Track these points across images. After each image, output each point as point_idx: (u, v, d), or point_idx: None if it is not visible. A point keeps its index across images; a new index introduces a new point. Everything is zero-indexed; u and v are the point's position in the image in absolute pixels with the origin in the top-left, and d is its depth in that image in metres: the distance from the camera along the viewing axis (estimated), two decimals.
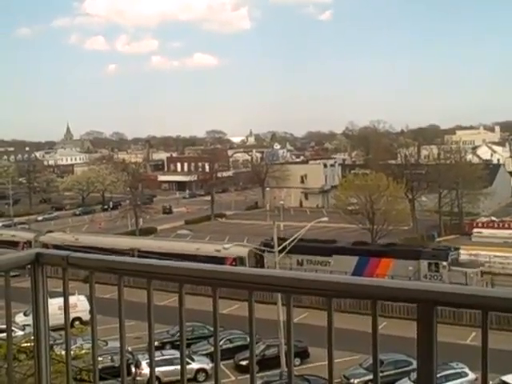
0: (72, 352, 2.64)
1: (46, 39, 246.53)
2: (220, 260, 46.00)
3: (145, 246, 54.45)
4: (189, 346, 31.72)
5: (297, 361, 29.87)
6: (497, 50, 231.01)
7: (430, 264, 46.44)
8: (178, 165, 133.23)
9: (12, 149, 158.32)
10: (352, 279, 1.84)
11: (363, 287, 1.83)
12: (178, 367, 2.30)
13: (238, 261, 49.49)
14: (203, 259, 44.39)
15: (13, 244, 55.17)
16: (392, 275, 43.92)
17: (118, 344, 2.42)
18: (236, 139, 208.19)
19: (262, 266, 47.30)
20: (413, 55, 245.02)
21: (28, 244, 58.85)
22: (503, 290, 1.65)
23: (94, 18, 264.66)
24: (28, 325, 22.47)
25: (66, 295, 2.46)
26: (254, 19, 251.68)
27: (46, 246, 55.33)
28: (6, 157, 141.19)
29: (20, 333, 17.72)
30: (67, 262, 2.40)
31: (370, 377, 2.01)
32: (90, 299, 2.45)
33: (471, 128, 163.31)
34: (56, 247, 47.81)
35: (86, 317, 29.74)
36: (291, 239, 37.52)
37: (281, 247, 36.46)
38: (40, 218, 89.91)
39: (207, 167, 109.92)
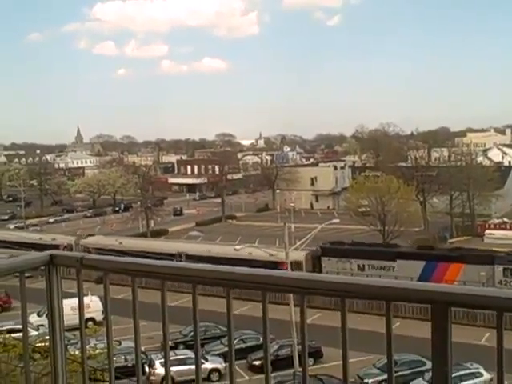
0: (86, 352, 2.66)
1: (56, 44, 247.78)
2: (274, 265, 43.07)
3: (192, 250, 52.29)
4: (202, 346, 31.73)
5: (310, 361, 29.85)
6: (508, 51, 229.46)
7: (505, 269, 44.47)
8: (188, 167, 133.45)
9: (23, 152, 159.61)
10: (366, 280, 1.85)
11: (377, 288, 1.83)
12: (192, 367, 2.32)
13: (295, 266, 46.41)
14: (255, 264, 40.81)
15: (53, 248, 53.70)
16: (463, 281, 42.31)
17: (131, 344, 2.44)
18: (246, 142, 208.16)
19: (320, 271, 46.13)
20: (423, 58, 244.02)
21: (68, 247, 57.00)
22: None
23: (103, 24, 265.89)
24: (42, 325, 22.69)
25: (80, 296, 2.48)
26: (263, 24, 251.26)
27: (87, 249, 54.19)
28: (17, 160, 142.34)
29: (34, 333, 17.84)
30: (81, 264, 2.42)
31: (384, 377, 2.03)
32: (105, 300, 2.47)
33: (482, 131, 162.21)
34: (99, 251, 46.88)
35: (99, 317, 30.00)
36: (303, 241, 37.44)
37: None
38: (51, 220, 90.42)
39: (217, 170, 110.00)
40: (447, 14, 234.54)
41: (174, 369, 25.19)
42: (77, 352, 2.66)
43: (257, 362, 29.84)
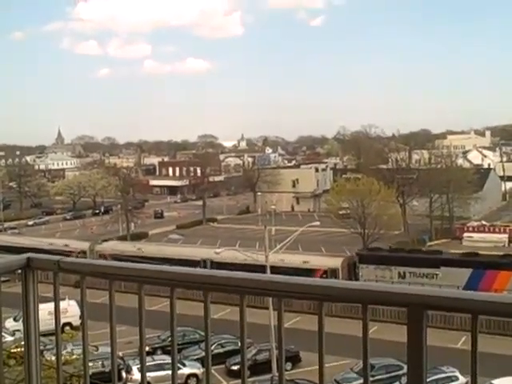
0: (62, 357, 2.63)
1: (38, 43, 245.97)
2: (308, 272, 41.98)
3: (218, 256, 48.59)
4: (180, 350, 31.58)
5: (288, 365, 29.82)
6: (487, 55, 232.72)
7: None
8: (170, 169, 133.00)
9: (2, 153, 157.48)
10: (342, 283, 1.85)
11: (353, 291, 1.84)
12: (169, 372, 2.30)
13: (330, 273, 45.46)
14: (289, 271, 40.12)
15: (65, 254, 51.33)
16: None
17: (108, 349, 2.41)
18: (228, 144, 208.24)
19: (357, 279, 45.03)
20: (404, 60, 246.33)
21: (82, 254, 54.54)
22: (492, 294, 1.67)
23: (86, 23, 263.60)
24: (18, 330, 22.32)
25: (56, 300, 2.45)
26: (246, 24, 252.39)
27: (103, 256, 52.48)
28: None
29: (10, 338, 17.57)
30: (58, 267, 2.39)
31: (361, 381, 2.02)
32: (81, 304, 2.44)
33: (462, 133, 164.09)
34: (115, 258, 44.97)
35: (77, 322, 29.58)
36: (283, 244, 37.43)
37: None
38: (30, 223, 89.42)
39: (199, 172, 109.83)
40: (430, 16, 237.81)
41: (151, 374, 25.05)
42: (53, 357, 2.62)
43: (235, 367, 29.77)
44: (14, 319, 28.52)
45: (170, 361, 2.28)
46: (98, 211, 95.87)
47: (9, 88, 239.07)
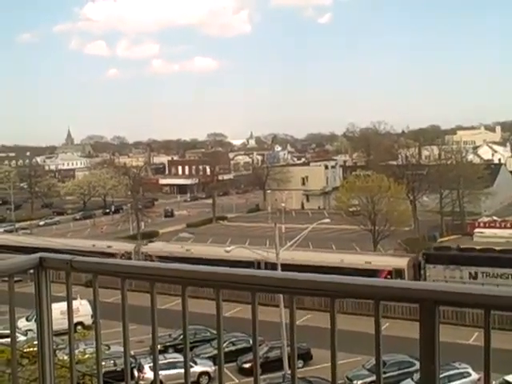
0: (75, 357, 2.64)
1: (47, 44, 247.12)
2: (372, 273, 40.41)
3: (272, 257, 47.30)
4: (191, 349, 31.64)
5: (300, 363, 29.82)
6: (497, 50, 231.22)
7: None
8: (179, 168, 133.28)
9: (13, 154, 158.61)
10: (354, 279, 1.85)
11: (365, 287, 1.83)
12: (181, 370, 2.31)
13: (395, 274, 43.62)
14: (350, 272, 38.15)
15: (108, 256, 47.23)
16: None
17: (120, 348, 2.42)
18: (237, 142, 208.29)
19: (425, 279, 43.63)
20: (413, 56, 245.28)
21: (127, 255, 52.83)
22: (506, 288, 1.66)
23: (94, 23, 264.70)
24: (30, 330, 22.52)
25: (69, 300, 2.46)
26: (254, 22, 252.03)
27: (149, 257, 51.07)
28: (7, 162, 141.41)
29: (22, 338, 17.70)
30: (71, 266, 2.41)
31: (373, 378, 2.02)
32: (94, 303, 2.45)
33: (472, 128, 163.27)
34: (162, 260, 43.18)
35: (88, 321, 29.80)
36: (293, 241, 37.38)
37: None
38: (41, 223, 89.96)
39: (208, 170, 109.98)
40: (437, 13, 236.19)
41: (163, 373, 25.13)
42: (65, 357, 2.64)
43: (246, 365, 29.80)
44: (27, 319, 28.75)
45: (181, 359, 2.29)
46: (108, 211, 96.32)
47: (19, 89, 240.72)
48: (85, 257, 2.54)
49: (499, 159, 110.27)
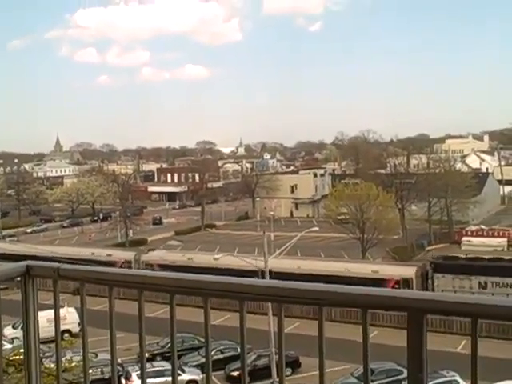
0: (62, 365, 2.62)
1: (36, 51, 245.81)
2: (378, 282, 39.65)
3: (279, 266, 43.59)
4: (179, 357, 31.47)
5: (288, 371, 29.75)
6: (486, 60, 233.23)
7: None
8: (169, 176, 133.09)
9: (1, 161, 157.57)
10: (342, 288, 1.85)
11: (353, 296, 1.84)
12: (169, 379, 2.29)
13: (403, 283, 42.48)
14: (357, 282, 35.74)
15: (108, 264, 45.16)
16: None
17: (107, 356, 2.41)
18: (226, 150, 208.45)
19: (433, 290, 42.08)
20: (401, 65, 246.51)
21: (127, 264, 51.59)
22: (492, 297, 1.67)
23: (85, 30, 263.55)
24: (17, 338, 22.31)
25: (56, 307, 2.45)
26: (245, 31, 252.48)
27: (150, 266, 49.91)
28: None
29: (9, 346, 17.54)
30: (58, 274, 2.39)
31: None
32: (81, 311, 2.44)
33: (460, 137, 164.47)
34: (164, 268, 42.90)
35: (75, 329, 29.59)
36: (282, 249, 37.38)
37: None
38: (29, 231, 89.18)
39: (197, 178, 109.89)
40: (428, 20, 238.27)
41: (150, 381, 24.98)
42: (52, 365, 2.61)
43: (234, 373, 29.71)
44: (13, 327, 28.51)
45: (169, 367, 2.28)
46: (96, 218, 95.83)
47: (7, 95, 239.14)
48: (72, 264, 2.53)
49: (487, 168, 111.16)
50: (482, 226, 70.87)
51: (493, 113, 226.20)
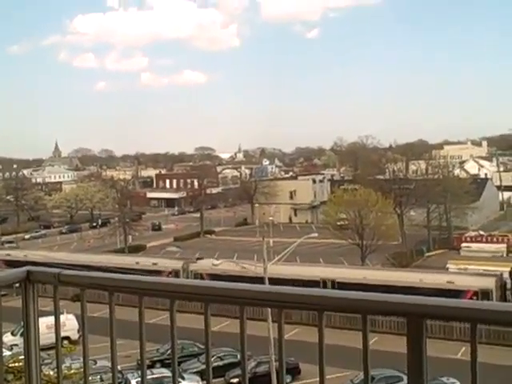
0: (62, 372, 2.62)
1: (35, 57, 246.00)
2: (455, 294, 36.98)
3: (342, 276, 43.55)
4: (179, 364, 31.22)
5: (288, 378, 29.66)
6: (484, 66, 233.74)
7: None
8: (167, 181, 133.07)
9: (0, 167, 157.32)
10: (342, 293, 1.85)
11: (352, 301, 1.84)
12: None
13: (481, 295, 39.65)
14: (432, 293, 34.60)
15: (154, 273, 44.99)
16: None
17: (107, 363, 2.40)
18: (225, 155, 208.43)
19: None
20: (400, 71, 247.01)
21: (174, 273, 49.56)
22: (492, 302, 1.67)
23: (83, 36, 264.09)
24: (16, 344, 22.20)
25: (56, 314, 2.44)
26: (243, 37, 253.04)
27: (199, 276, 47.48)
28: None
29: (8, 353, 17.46)
30: (58, 280, 2.39)
31: None
32: (82, 317, 2.43)
33: (459, 143, 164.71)
34: (215, 279, 38.74)
35: (75, 336, 29.50)
36: (281, 256, 37.30)
37: None
38: (27, 237, 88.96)
39: (196, 184, 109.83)
40: (426, 27, 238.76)
41: None
42: (51, 372, 2.61)
43: (234, 380, 29.58)
44: (12, 333, 28.40)
45: (168, 374, 2.28)
46: (95, 224, 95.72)
47: (5, 101, 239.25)
48: (72, 270, 2.53)
49: (485, 174, 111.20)
50: (481, 232, 70.85)
51: (491, 119, 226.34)
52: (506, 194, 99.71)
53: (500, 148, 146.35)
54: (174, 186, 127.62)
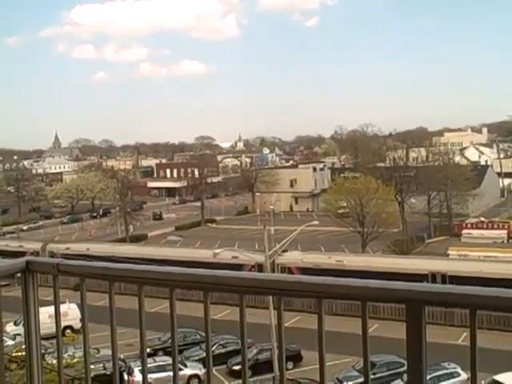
0: (64, 361, 2.63)
1: (34, 48, 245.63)
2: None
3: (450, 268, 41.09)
4: (181, 352, 31.56)
5: (290, 364, 29.84)
6: (483, 53, 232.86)
7: None
8: (168, 171, 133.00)
9: (0, 158, 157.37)
10: (341, 280, 1.85)
11: (352, 288, 1.84)
12: (171, 373, 2.30)
13: None
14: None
15: (236, 267, 41.24)
16: None
17: (110, 352, 2.41)
18: (225, 145, 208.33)
19: None
20: (400, 58, 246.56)
21: (257, 267, 42.14)
22: (491, 288, 1.67)
23: (82, 27, 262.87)
24: (18, 334, 22.33)
25: (57, 303, 2.45)
26: (242, 26, 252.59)
27: (288, 270, 44.32)
28: None
29: (11, 342, 17.57)
30: (58, 270, 2.39)
31: (363, 379, 2.03)
32: (82, 307, 2.44)
33: (459, 130, 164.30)
34: (305, 272, 38.25)
35: (77, 325, 29.60)
36: (282, 244, 37.38)
37: None
38: (25, 228, 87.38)
39: (197, 173, 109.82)
40: (426, 14, 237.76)
41: (152, 376, 25.02)
42: (54, 361, 2.62)
43: (236, 367, 29.75)
44: (15, 323, 28.54)
45: (171, 362, 2.28)
46: (96, 214, 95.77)
47: (5, 92, 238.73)
48: (72, 260, 2.53)
49: (486, 161, 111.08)
50: (482, 219, 70.90)
51: (491, 105, 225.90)
52: (507, 181, 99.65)
53: (500, 135, 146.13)
54: (175, 175, 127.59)
